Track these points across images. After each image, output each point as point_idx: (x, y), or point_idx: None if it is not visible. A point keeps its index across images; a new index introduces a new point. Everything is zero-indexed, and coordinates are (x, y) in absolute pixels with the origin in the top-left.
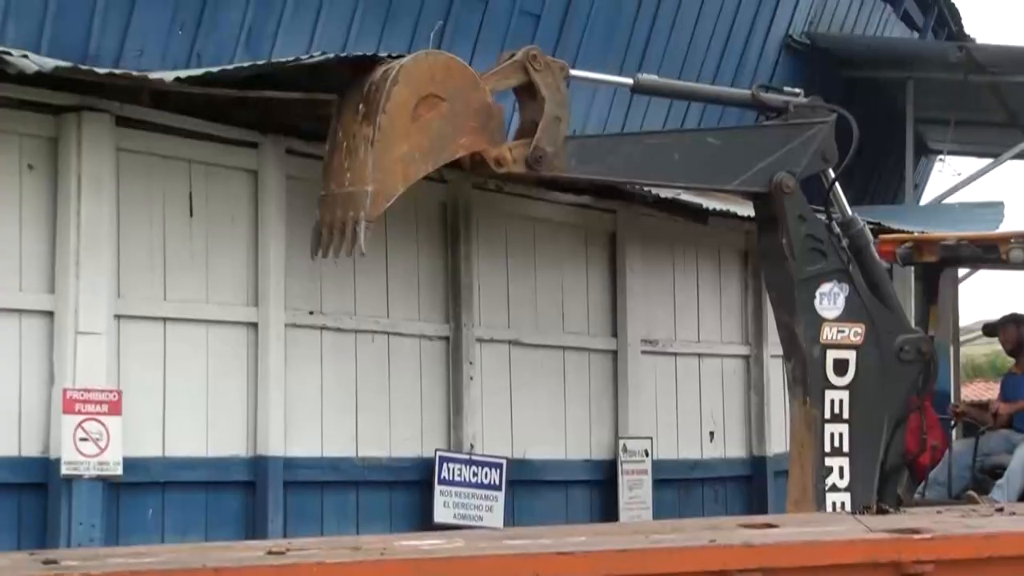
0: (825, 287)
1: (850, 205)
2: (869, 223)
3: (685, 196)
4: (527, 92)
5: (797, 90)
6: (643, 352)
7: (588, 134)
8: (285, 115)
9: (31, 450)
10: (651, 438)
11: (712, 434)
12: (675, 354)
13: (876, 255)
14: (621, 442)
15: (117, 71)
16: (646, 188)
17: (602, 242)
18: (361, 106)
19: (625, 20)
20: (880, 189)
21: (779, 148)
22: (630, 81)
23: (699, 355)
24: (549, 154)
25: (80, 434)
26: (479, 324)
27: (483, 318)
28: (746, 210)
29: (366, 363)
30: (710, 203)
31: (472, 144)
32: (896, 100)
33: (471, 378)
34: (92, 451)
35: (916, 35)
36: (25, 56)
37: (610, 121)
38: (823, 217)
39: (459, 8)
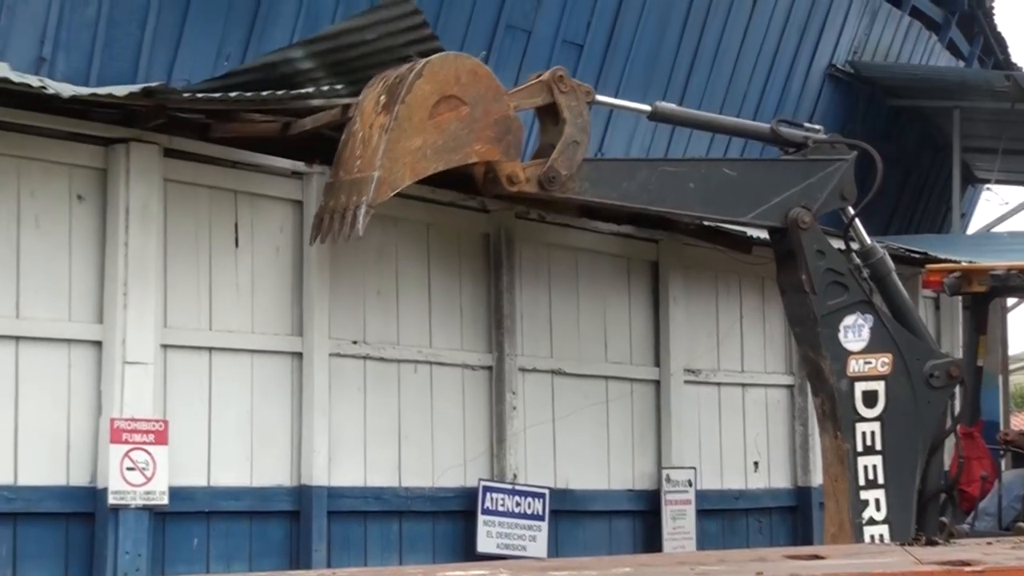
0: (849, 319)
1: (897, 235)
2: (916, 253)
3: (728, 225)
4: (549, 115)
5: (818, 126)
6: (686, 382)
7: (605, 157)
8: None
9: (79, 480)
10: (695, 468)
11: (756, 464)
12: (718, 384)
13: (898, 282)
14: (664, 472)
15: (135, 88)
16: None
17: (644, 271)
18: (382, 97)
19: (668, 50)
20: (927, 218)
21: (796, 183)
22: (648, 108)
23: (743, 385)
24: (563, 176)
25: (127, 463)
26: (522, 354)
27: (526, 347)
28: None
29: (409, 393)
30: (753, 232)
31: (486, 153)
32: (942, 129)
33: (514, 408)
34: (138, 480)
35: (962, 64)
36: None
37: (654, 147)
38: (841, 245)
39: (503, 37)
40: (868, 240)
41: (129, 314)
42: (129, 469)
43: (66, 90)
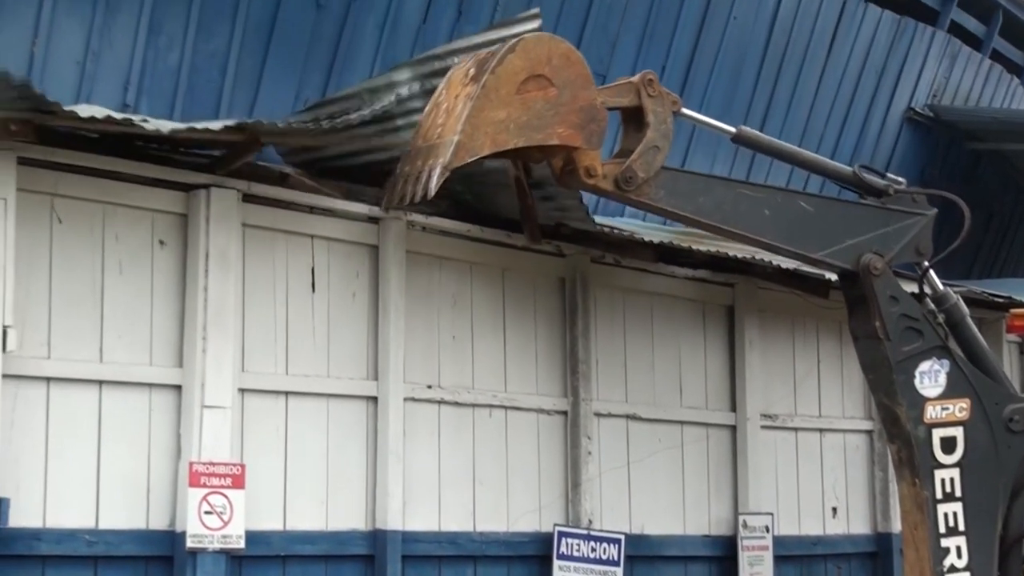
0: (924, 366)
1: (979, 279)
2: (999, 297)
3: (806, 269)
4: (634, 119)
5: (901, 179)
6: (763, 427)
7: (685, 169)
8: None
9: (158, 523)
10: (772, 514)
11: (835, 510)
12: (796, 429)
13: (973, 327)
14: (741, 518)
15: (230, 123)
16: (758, 258)
17: (720, 316)
18: (471, 70)
19: (743, 93)
20: (1010, 262)
21: (873, 229)
22: (733, 130)
23: (821, 430)
24: (640, 179)
25: (205, 507)
26: (597, 398)
27: (601, 392)
28: None
29: (484, 437)
30: (831, 276)
31: (568, 137)
32: None
33: (589, 452)
34: (216, 524)
35: None
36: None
37: (733, 176)
38: (913, 288)
39: None
40: (941, 286)
41: (208, 358)
42: (207, 513)
43: (165, 126)
